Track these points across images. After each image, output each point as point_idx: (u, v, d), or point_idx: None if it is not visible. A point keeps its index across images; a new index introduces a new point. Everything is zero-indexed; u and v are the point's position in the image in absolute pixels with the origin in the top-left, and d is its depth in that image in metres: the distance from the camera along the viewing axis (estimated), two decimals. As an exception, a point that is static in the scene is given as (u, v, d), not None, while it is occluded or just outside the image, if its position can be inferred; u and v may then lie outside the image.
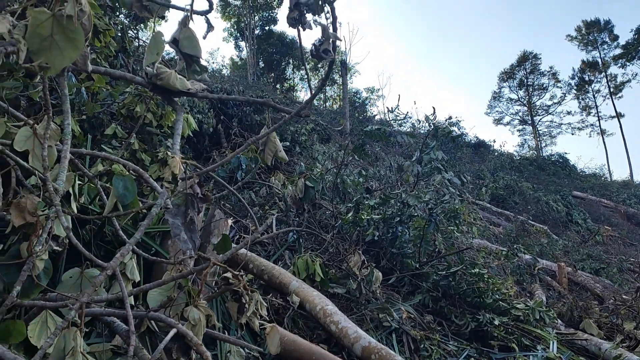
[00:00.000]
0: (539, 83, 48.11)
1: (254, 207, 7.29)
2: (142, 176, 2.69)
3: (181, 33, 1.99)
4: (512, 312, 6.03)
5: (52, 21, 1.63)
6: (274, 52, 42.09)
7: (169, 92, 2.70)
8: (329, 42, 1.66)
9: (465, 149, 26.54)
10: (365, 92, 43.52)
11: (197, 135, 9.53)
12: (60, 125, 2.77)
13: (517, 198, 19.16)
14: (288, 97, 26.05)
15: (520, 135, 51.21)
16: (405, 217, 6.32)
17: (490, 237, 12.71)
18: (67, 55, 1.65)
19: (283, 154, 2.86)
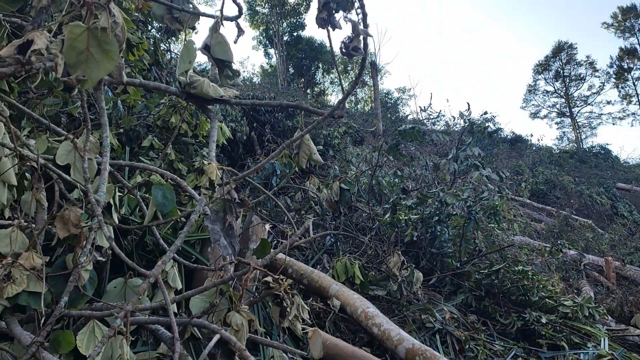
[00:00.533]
0: (576, 73, 46.74)
1: (290, 212, 7.30)
2: (180, 184, 2.72)
3: (212, 39, 2.01)
4: (559, 309, 5.84)
5: (87, 34, 1.66)
6: (303, 57, 42.29)
7: (203, 100, 2.73)
8: (359, 39, 1.63)
9: (502, 144, 26.05)
10: (396, 92, 43.24)
11: (231, 144, 9.64)
12: (99, 139, 2.83)
13: (558, 192, 18.65)
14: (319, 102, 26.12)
15: (559, 128, 49.72)
16: (444, 216, 6.22)
17: (532, 233, 12.40)
18: (102, 67, 1.67)
19: (317, 157, 2.85)
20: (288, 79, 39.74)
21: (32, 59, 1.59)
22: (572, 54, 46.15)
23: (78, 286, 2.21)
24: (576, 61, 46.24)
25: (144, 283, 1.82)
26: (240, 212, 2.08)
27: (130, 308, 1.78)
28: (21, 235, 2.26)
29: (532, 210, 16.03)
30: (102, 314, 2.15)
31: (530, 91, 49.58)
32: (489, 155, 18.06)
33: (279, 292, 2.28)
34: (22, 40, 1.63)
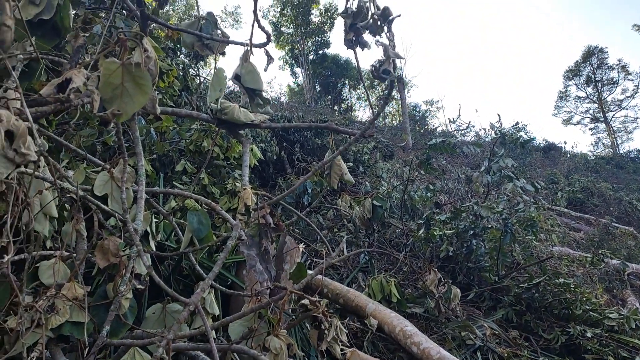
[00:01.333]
0: (608, 78, 45.65)
1: (323, 231, 7.29)
2: (215, 209, 2.74)
3: (243, 68, 2.04)
4: (605, 322, 5.64)
5: (122, 70, 1.71)
6: (329, 74, 42.56)
7: (234, 125, 2.76)
8: (389, 62, 1.63)
9: (535, 153, 25.56)
10: (424, 104, 43.07)
11: (262, 164, 9.73)
12: (134, 167, 2.89)
13: (596, 200, 18.14)
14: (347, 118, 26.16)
15: (593, 134, 48.64)
16: (479, 229, 6.11)
17: (571, 243, 12.06)
18: (137, 101, 1.71)
19: (349, 177, 2.84)
20: (315, 97, 40.05)
21: (71, 96, 1.64)
22: (602, 58, 45.16)
23: (119, 315, 2.25)
24: (607, 65, 45.20)
25: (184, 311, 1.83)
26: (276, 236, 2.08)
27: (171, 337, 1.79)
28: (63, 266, 2.31)
29: (570, 219, 15.61)
30: (143, 342, 2.17)
31: (562, 97, 48.64)
32: (522, 165, 17.75)
33: (316, 315, 2.27)
34: (61, 79, 1.68)
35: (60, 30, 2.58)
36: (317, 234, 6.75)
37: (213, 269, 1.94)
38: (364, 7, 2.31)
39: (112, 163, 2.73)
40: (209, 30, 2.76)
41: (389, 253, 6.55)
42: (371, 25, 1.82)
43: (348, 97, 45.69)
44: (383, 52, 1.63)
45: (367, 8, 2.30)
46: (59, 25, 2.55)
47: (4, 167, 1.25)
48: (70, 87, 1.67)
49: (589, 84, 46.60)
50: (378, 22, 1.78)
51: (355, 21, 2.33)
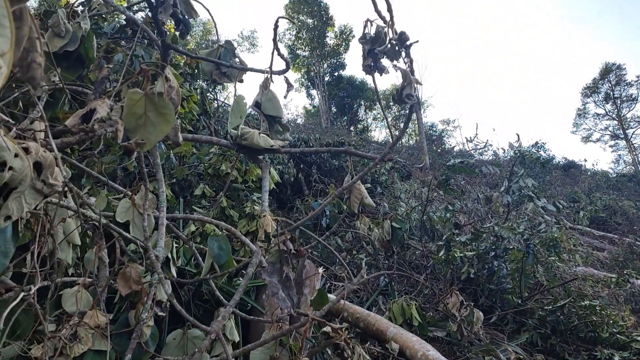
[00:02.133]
0: (627, 94, 45.12)
1: (342, 253, 7.25)
2: (235, 234, 2.75)
3: (263, 96, 2.06)
4: (632, 345, 5.48)
5: (145, 100, 1.73)
6: (345, 95, 42.81)
7: (254, 150, 2.78)
8: (411, 87, 1.64)
9: (555, 171, 25.26)
10: (440, 124, 43.00)
11: (279, 186, 9.76)
12: (154, 192, 2.92)
13: (619, 218, 17.80)
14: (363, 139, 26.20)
15: (614, 151, 47.81)
16: (500, 250, 6.02)
17: (595, 263, 11.81)
18: (160, 130, 1.73)
19: (369, 200, 2.83)
20: (331, 118, 40.26)
21: (95, 126, 1.66)
22: (621, 74, 44.74)
23: (141, 343, 2.24)
24: (626, 82, 44.72)
25: (205, 340, 1.82)
26: (297, 262, 2.07)
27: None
28: (86, 293, 2.32)
29: (593, 238, 15.31)
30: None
31: (580, 115, 48.16)
32: (542, 183, 17.52)
33: (339, 342, 2.24)
34: (86, 110, 1.71)
35: (84, 60, 2.64)
36: (336, 257, 6.71)
37: (234, 297, 1.93)
38: (382, 33, 2.33)
39: (133, 190, 2.76)
40: (227, 58, 2.80)
41: (409, 275, 6.48)
42: (389, 50, 1.83)
43: (364, 117, 45.84)
44: (403, 77, 1.63)
45: (385, 33, 2.32)
46: (83, 56, 2.61)
47: (32, 199, 1.27)
48: (95, 118, 1.70)
49: (607, 101, 46.11)
50: (396, 47, 1.79)
51: (374, 47, 2.35)
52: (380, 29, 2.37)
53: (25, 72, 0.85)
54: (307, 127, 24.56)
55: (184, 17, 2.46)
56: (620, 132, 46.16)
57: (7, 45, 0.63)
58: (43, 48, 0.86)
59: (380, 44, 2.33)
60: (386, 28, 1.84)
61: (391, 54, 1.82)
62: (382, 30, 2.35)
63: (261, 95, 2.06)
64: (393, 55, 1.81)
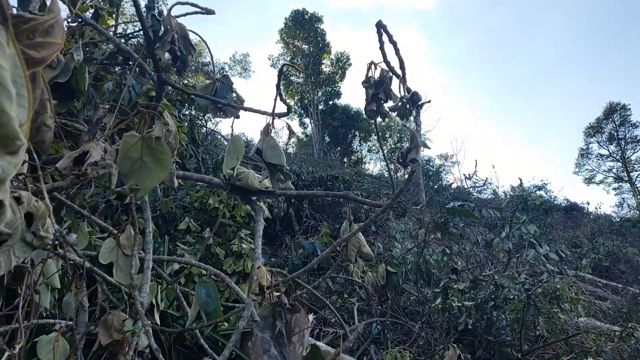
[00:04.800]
0: (632, 135, 45.83)
1: (332, 296, 7.21)
2: (225, 280, 2.74)
3: (264, 143, 2.09)
4: (638, 406, 5.46)
5: (142, 144, 1.75)
6: (339, 125, 43.14)
7: (248, 191, 2.79)
8: (417, 151, 1.67)
9: (556, 214, 25.43)
10: (438, 159, 43.26)
11: (268, 221, 9.74)
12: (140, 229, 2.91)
13: (623, 266, 17.86)
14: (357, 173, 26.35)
15: (617, 194, 48.25)
16: (500, 300, 6.02)
17: (597, 313, 11.80)
18: (156, 176, 1.75)
19: (368, 249, 2.84)
20: (324, 148, 40.46)
21: (88, 170, 1.67)
22: (625, 115, 45.50)
23: (120, 397, 2.21)
24: (631, 123, 45.43)
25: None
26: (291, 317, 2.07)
27: None
28: (63, 341, 2.29)
29: (596, 286, 15.34)
30: None
31: (583, 155, 48.71)
32: (543, 226, 17.62)
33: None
34: (78, 152, 1.73)
35: (75, 92, 2.67)
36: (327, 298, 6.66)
37: (223, 353, 1.91)
38: (387, 77, 2.38)
39: (119, 229, 2.75)
40: (224, 93, 2.84)
41: (403, 323, 6.44)
42: (399, 108, 1.87)
43: (358, 148, 46.13)
44: (410, 140, 1.67)
45: (390, 77, 2.37)
46: (74, 88, 2.64)
47: (21, 252, 1.27)
48: (88, 161, 1.71)
49: (611, 141, 46.75)
50: (407, 106, 1.84)
51: (377, 91, 2.39)
52: (385, 72, 2.42)
53: (34, 135, 0.87)
54: (300, 157, 24.68)
55: (182, 54, 2.51)
56: (624, 175, 46.69)
57: (25, 116, 0.65)
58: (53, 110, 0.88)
59: (385, 88, 2.38)
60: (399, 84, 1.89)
61: (401, 113, 1.86)
62: (387, 75, 2.40)
63: (262, 142, 2.08)
64: (403, 114, 1.85)
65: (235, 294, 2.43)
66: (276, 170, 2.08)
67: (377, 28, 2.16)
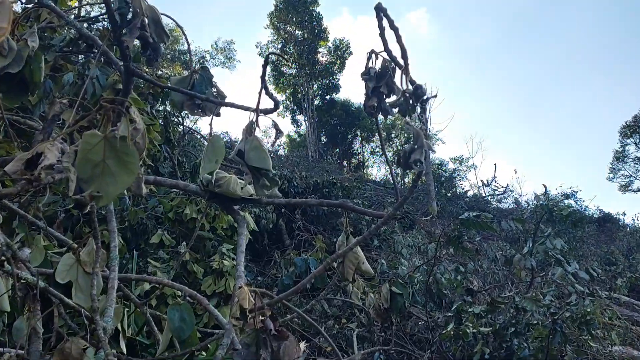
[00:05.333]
0: (675, 135, 45.98)
1: (328, 321, 7.20)
2: (202, 303, 2.73)
3: (247, 143, 2.08)
4: None
5: (104, 144, 1.75)
6: (338, 123, 43.14)
7: (229, 200, 2.79)
8: (421, 151, 1.67)
9: (587, 226, 25.45)
10: (451, 162, 43.24)
11: (255, 234, 9.72)
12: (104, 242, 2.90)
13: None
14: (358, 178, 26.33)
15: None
16: (522, 326, 6.02)
17: (634, 341, 11.83)
18: (120, 182, 1.74)
19: (367, 267, 2.84)
20: (320, 150, 40.46)
21: (42, 175, 1.67)
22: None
23: None
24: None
25: None
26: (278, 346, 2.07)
27: None
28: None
29: (632, 310, 15.36)
30: None
31: (618, 158, 48.64)
32: (572, 241, 17.65)
33: None
34: (31, 154, 1.72)
35: (29, 85, 2.67)
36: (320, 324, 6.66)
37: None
38: (389, 68, 2.39)
39: (79, 242, 2.74)
40: (202, 87, 2.84)
41: (409, 352, 6.44)
42: (401, 104, 1.88)
43: (359, 150, 46.15)
44: (414, 139, 1.66)
45: (393, 69, 2.38)
46: (27, 79, 2.64)
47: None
48: (42, 165, 1.71)
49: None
50: (410, 101, 1.84)
51: (379, 84, 2.40)
52: (387, 63, 2.43)
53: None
54: (292, 160, 24.68)
55: (153, 41, 2.51)
56: (667, 181, 46.76)
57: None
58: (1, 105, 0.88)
59: (388, 81, 2.38)
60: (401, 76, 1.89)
61: (404, 108, 1.87)
62: (390, 65, 2.41)
63: (245, 143, 2.08)
64: (406, 110, 1.85)
65: (214, 318, 2.43)
66: (260, 175, 2.08)
67: (377, 12, 2.17)
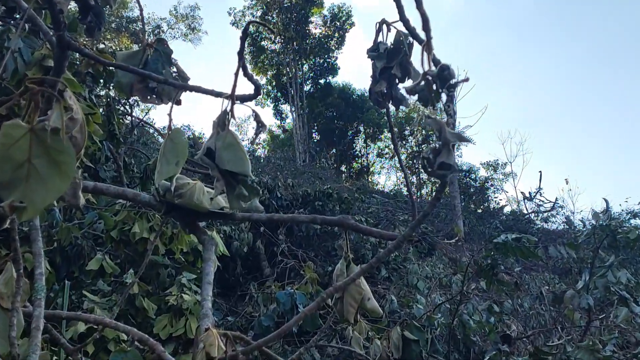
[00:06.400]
0: None
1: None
2: (155, 349, 2.73)
3: (218, 140, 2.06)
4: None
5: (30, 139, 1.74)
6: (335, 116, 42.92)
7: (193, 214, 2.79)
8: (449, 153, 1.64)
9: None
10: (483, 168, 43.12)
11: (225, 260, 9.69)
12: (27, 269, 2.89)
13: None
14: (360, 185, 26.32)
15: None
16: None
17: None
18: (51, 188, 1.73)
19: (374, 304, 2.84)
20: (312, 151, 40.31)
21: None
22: None
23: None
24: None
25: None
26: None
27: None
28: None
29: None
30: None
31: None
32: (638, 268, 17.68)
33: None
34: None
35: None
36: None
37: None
38: (405, 43, 2.38)
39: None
40: (158, 66, 2.83)
41: (427, 418, 6.44)
42: (422, 89, 1.87)
43: (363, 152, 45.95)
44: (439, 136, 1.63)
45: (410, 44, 2.37)
46: None
47: None
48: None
49: None
50: (433, 86, 1.83)
51: (390, 64, 2.39)
52: (402, 37, 2.42)
53: None
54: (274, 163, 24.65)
55: (95, 4, 2.51)
56: None
57: None
58: None
59: (402, 60, 2.38)
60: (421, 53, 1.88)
61: (424, 96, 1.85)
62: (405, 40, 2.40)
63: (216, 139, 2.06)
64: (427, 99, 1.84)
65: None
66: (236, 182, 2.06)
67: (390, -31, 2.17)
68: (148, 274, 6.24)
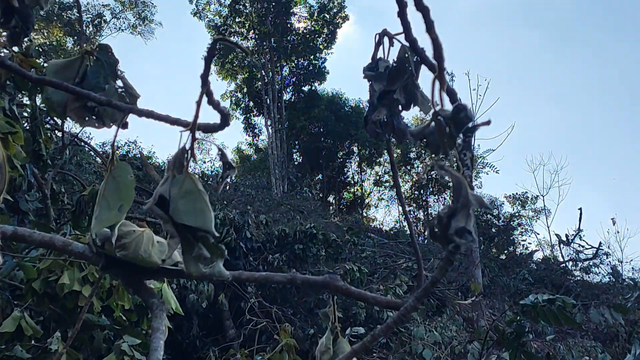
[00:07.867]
0: None
1: None
2: None
3: (174, 186, 2.05)
4: None
5: None
6: (322, 132, 42.84)
7: (139, 270, 2.79)
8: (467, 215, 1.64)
9: None
10: (508, 202, 43.20)
11: (178, 320, 9.67)
12: None
13: None
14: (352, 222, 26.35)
15: None
16: None
17: None
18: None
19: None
20: (292, 176, 40.21)
21: None
22: None
23: None
24: None
25: None
26: None
27: None
28: None
29: None
30: None
31: None
32: None
33: None
34: None
35: None
36: None
37: None
38: (410, 62, 2.38)
39: None
40: (99, 80, 2.84)
41: None
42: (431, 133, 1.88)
43: (356, 178, 45.89)
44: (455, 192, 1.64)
45: (417, 63, 2.38)
46: None
47: None
48: None
49: None
50: (446, 129, 1.84)
51: (393, 87, 2.41)
52: (407, 52, 2.44)
53: None
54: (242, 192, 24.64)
55: (22, 5, 2.53)
56: None
57: None
58: None
59: (407, 83, 2.40)
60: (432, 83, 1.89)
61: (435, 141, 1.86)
62: (411, 57, 2.42)
63: (170, 185, 2.05)
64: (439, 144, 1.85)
65: None
66: (195, 240, 2.05)
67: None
68: (80, 338, 6.22)
